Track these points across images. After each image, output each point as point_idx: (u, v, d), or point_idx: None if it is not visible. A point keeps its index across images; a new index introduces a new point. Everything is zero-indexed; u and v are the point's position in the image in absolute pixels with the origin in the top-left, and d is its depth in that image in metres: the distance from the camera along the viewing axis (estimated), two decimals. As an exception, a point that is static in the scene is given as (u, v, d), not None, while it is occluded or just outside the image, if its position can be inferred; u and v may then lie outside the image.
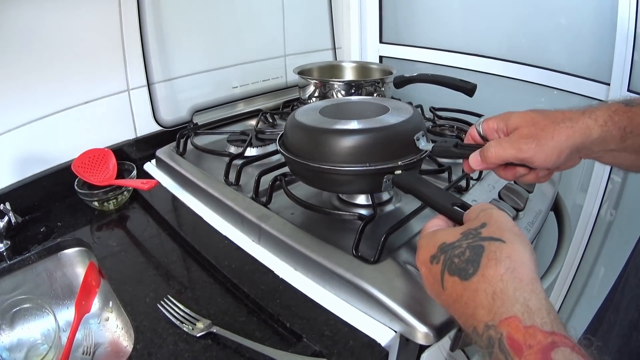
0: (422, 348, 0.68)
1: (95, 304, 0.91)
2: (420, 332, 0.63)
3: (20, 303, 0.83)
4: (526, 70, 1.44)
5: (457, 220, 0.56)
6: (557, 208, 1.12)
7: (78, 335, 0.85)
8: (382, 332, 0.66)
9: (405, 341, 0.66)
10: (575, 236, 1.42)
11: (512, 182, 0.99)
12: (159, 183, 1.01)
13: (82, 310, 0.87)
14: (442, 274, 0.46)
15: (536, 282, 0.41)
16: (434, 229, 0.55)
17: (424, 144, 0.77)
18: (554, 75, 1.38)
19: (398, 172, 0.75)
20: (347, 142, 0.75)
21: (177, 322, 0.70)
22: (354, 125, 0.77)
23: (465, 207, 0.58)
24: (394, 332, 0.66)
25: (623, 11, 1.17)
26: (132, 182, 1.03)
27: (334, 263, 0.73)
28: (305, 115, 0.85)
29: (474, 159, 0.66)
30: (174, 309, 0.72)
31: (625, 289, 0.72)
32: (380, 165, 0.75)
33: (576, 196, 1.46)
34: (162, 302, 0.74)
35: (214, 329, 0.68)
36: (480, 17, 1.54)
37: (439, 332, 0.63)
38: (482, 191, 0.96)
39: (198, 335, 0.67)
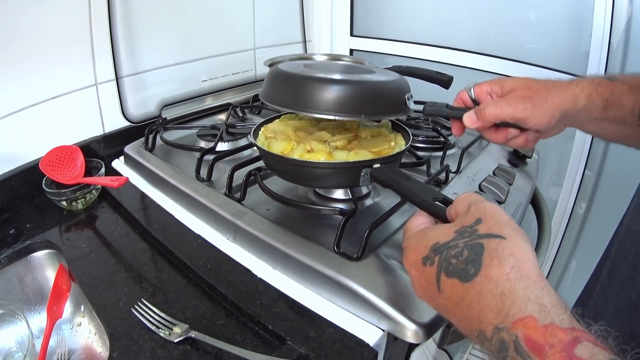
0: (412, 347, 0.66)
1: (67, 308, 0.87)
2: (410, 330, 0.61)
3: (-7, 309, 0.79)
4: (499, 63, 1.45)
5: (440, 216, 0.54)
6: (535, 202, 1.12)
7: (51, 342, 0.81)
8: (369, 332, 0.64)
9: (393, 340, 0.64)
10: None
11: (492, 174, 0.98)
12: (128, 180, 0.96)
13: (54, 315, 0.83)
14: (438, 276, 0.44)
15: (543, 278, 0.39)
16: (420, 227, 0.52)
17: (414, 105, 0.76)
18: (529, 69, 1.39)
19: (376, 165, 0.73)
20: (337, 91, 0.72)
21: (153, 328, 0.67)
22: (342, 76, 0.75)
23: (447, 202, 0.56)
24: (382, 331, 0.64)
25: (599, 7, 1.18)
26: (101, 179, 0.99)
27: (316, 260, 0.71)
28: (289, 66, 0.81)
29: (469, 117, 0.69)
30: (149, 314, 0.69)
31: (613, 275, 0.72)
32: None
33: (549, 190, 1.48)
34: (137, 307, 0.70)
35: (192, 334, 0.65)
36: (450, 10, 1.54)
37: (429, 329, 0.61)
38: (461, 184, 0.95)
39: (176, 340, 0.64)
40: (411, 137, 0.83)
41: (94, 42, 1.11)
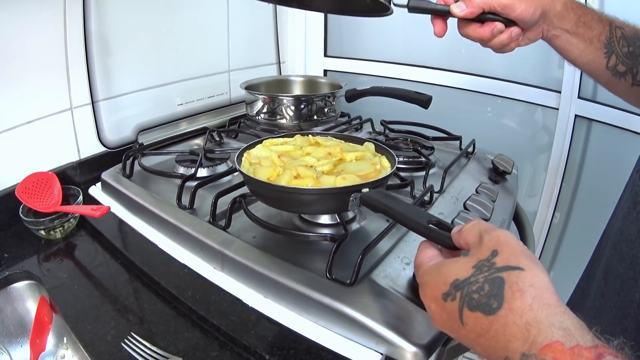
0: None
1: (50, 340, 0.85)
2: (409, 352, 0.61)
3: (-26, 343, 0.76)
4: (471, 80, 1.47)
5: (442, 242, 0.54)
6: (516, 216, 1.13)
7: (34, 376, 0.79)
8: (368, 356, 0.64)
9: (391, 363, 0.63)
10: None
11: (476, 192, 0.99)
12: (110, 209, 0.94)
13: (37, 349, 0.81)
14: (461, 310, 0.44)
15: (562, 303, 0.40)
16: (433, 261, 0.52)
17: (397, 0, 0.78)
18: (502, 85, 1.41)
19: (365, 190, 0.72)
20: None
21: (146, 362, 0.65)
22: None
23: (441, 224, 0.56)
24: (381, 355, 0.63)
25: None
26: (82, 208, 0.96)
27: (309, 288, 0.70)
28: None
29: (458, 5, 0.73)
30: (140, 348, 0.67)
31: (609, 276, 0.75)
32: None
33: (525, 202, 1.50)
34: (127, 341, 0.69)
35: (188, 367, 0.63)
36: (420, 28, 1.56)
37: (428, 350, 0.61)
38: (446, 203, 0.95)
39: (171, 375, 0.62)
40: (396, 159, 0.84)
41: (69, 65, 1.10)
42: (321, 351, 0.65)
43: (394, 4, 0.78)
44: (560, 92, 1.34)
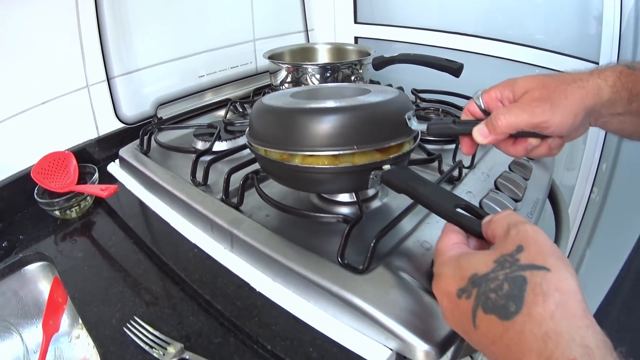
0: (423, 367, 0.61)
1: (65, 320, 0.85)
2: (421, 350, 0.55)
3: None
4: (507, 48, 1.39)
5: (471, 231, 0.49)
6: (552, 195, 1.05)
7: (49, 357, 0.79)
8: (376, 352, 0.58)
9: (402, 360, 0.58)
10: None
11: (508, 169, 0.92)
12: (119, 188, 0.92)
13: (50, 330, 0.80)
14: (474, 311, 0.39)
15: (588, 314, 0.35)
16: (454, 251, 0.46)
17: (416, 125, 0.69)
18: (538, 54, 1.32)
19: (387, 167, 0.66)
20: (327, 123, 0.65)
21: (147, 347, 0.62)
22: (332, 104, 0.68)
23: (471, 210, 0.51)
24: (390, 351, 0.58)
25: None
26: (91, 188, 0.95)
27: (318, 274, 0.64)
28: (274, 99, 0.76)
29: (480, 131, 0.60)
30: (142, 333, 0.64)
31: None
32: (368, 155, 0.67)
33: (563, 175, 1.41)
34: (129, 325, 0.66)
35: (187, 355, 0.60)
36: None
37: (442, 348, 0.55)
38: (476, 181, 0.88)
39: (169, 362, 0.59)
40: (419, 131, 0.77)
41: (82, 42, 1.07)
42: (326, 343, 0.61)
43: (413, 129, 0.70)
44: (598, 64, 1.22)
